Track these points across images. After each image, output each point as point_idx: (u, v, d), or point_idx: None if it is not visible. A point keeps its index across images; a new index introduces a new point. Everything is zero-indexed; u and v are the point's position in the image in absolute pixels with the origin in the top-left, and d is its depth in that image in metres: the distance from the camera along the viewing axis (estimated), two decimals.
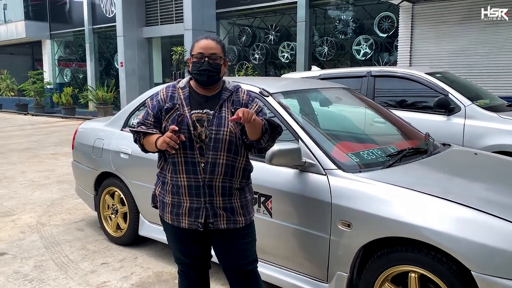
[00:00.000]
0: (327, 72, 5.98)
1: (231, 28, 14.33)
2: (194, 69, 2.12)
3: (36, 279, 3.29)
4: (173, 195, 2.14)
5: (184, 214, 2.12)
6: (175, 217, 2.15)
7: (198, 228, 2.12)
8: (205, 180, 2.08)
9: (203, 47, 2.10)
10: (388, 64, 10.72)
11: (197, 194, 2.09)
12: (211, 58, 2.09)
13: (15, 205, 5.16)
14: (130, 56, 15.78)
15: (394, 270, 2.26)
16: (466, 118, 4.73)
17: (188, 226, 2.13)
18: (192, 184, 2.09)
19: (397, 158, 2.73)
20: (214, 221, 2.11)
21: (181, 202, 2.12)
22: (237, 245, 2.19)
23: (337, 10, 12.02)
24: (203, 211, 2.10)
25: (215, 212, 2.11)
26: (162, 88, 2.25)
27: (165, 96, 2.17)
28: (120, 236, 3.94)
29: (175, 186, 2.13)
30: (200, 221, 2.10)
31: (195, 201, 2.10)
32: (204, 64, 2.08)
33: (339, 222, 2.42)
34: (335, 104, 3.77)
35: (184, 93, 2.16)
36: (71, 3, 19.25)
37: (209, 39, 2.13)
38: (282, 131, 2.20)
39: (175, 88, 2.20)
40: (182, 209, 2.12)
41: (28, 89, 18.83)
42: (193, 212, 2.11)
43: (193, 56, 2.13)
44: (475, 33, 8.44)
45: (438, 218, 2.12)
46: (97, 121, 4.66)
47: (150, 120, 2.17)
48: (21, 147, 9.56)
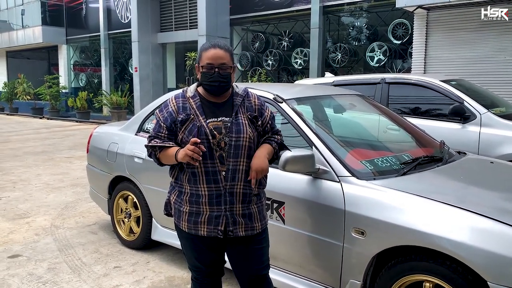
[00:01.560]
0: (340, 78, 5.97)
1: (244, 34, 14.38)
2: (204, 80, 2.09)
3: (49, 282, 3.32)
4: (191, 204, 2.12)
5: (203, 223, 2.11)
6: (193, 225, 2.13)
7: (218, 235, 2.11)
8: (227, 187, 2.08)
9: (212, 58, 2.06)
10: (402, 71, 10.66)
11: (217, 203, 2.09)
12: (221, 69, 2.06)
13: (30, 208, 5.23)
14: (145, 62, 15.92)
15: (408, 279, 2.24)
16: (482, 126, 4.67)
17: (206, 234, 2.12)
18: (213, 193, 2.08)
19: (412, 166, 2.70)
20: (233, 228, 2.11)
21: (200, 211, 2.11)
22: (254, 250, 2.19)
23: (351, 16, 11.99)
24: (223, 219, 2.09)
25: (235, 219, 2.11)
26: (171, 99, 2.19)
27: (177, 107, 2.13)
28: (133, 240, 3.96)
29: (194, 196, 2.11)
30: (220, 228, 2.10)
31: (216, 210, 2.09)
32: (214, 76, 2.06)
33: (353, 229, 2.40)
34: (348, 110, 3.76)
35: (195, 103, 2.13)
36: (87, 9, 19.54)
37: (217, 48, 2.07)
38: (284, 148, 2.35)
39: (185, 98, 2.16)
40: (201, 217, 2.11)
41: (44, 93, 19.10)
42: (213, 220, 2.10)
43: (202, 66, 2.09)
44: (491, 40, 8.35)
45: (454, 227, 2.09)
46: (111, 125, 4.70)
47: (163, 133, 2.13)
48: (36, 150, 9.70)
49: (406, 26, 10.43)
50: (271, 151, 2.21)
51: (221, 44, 2.10)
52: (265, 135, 2.25)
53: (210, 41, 2.13)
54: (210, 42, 2.12)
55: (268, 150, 2.19)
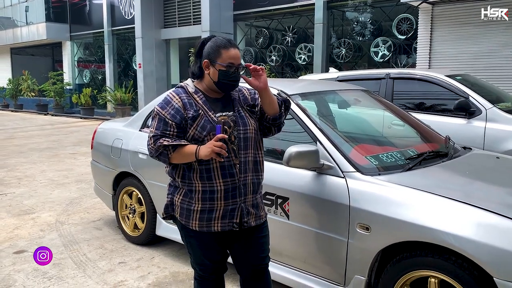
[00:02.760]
0: (345, 74, 5.94)
1: (248, 30, 14.35)
2: (223, 78, 2.06)
3: (55, 277, 3.34)
4: (204, 202, 2.10)
5: (217, 218, 2.10)
6: (206, 223, 2.11)
7: (233, 228, 2.12)
8: (241, 180, 2.10)
9: (234, 57, 2.06)
10: (407, 66, 10.60)
11: (233, 196, 2.09)
12: (238, 68, 2.09)
13: (35, 204, 5.25)
14: (148, 58, 15.93)
15: (413, 275, 2.23)
16: (487, 121, 4.64)
17: (221, 229, 2.12)
18: (229, 187, 2.08)
19: (417, 161, 2.68)
20: (247, 219, 2.14)
21: (214, 207, 2.10)
22: (258, 238, 2.23)
23: (355, 12, 11.93)
24: (238, 211, 2.11)
25: (248, 210, 2.14)
26: (172, 95, 2.12)
27: (183, 104, 2.08)
28: (138, 236, 3.97)
29: (207, 192, 2.09)
30: (236, 221, 2.11)
31: (231, 203, 2.10)
32: (234, 75, 2.07)
33: (358, 225, 2.39)
34: (353, 106, 3.74)
35: (200, 98, 2.11)
36: (91, 5, 19.55)
37: (235, 47, 2.09)
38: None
39: (187, 94, 2.13)
40: (215, 213, 2.10)
41: (48, 89, 19.15)
42: (227, 214, 2.10)
43: (222, 64, 2.05)
44: (497, 34, 8.28)
45: (459, 223, 2.08)
46: (116, 122, 4.71)
47: (172, 131, 2.04)
48: (41, 146, 9.73)
49: (410, 21, 10.37)
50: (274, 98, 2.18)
51: (236, 44, 2.14)
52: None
53: (223, 38, 2.12)
54: (224, 38, 2.11)
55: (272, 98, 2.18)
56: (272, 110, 2.16)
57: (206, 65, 2.10)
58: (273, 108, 2.16)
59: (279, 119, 2.20)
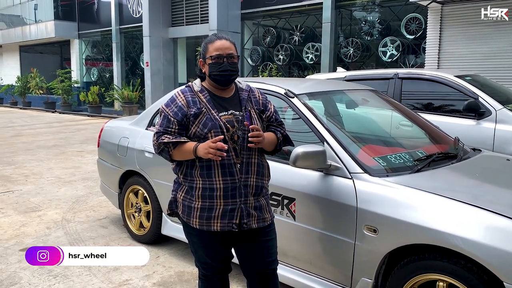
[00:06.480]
0: (353, 73, 5.90)
1: (255, 29, 14.32)
2: (213, 70, 2.09)
3: (60, 275, 3.34)
4: (204, 199, 2.10)
5: (217, 217, 2.09)
6: (205, 221, 2.10)
7: (232, 229, 2.10)
8: (241, 180, 2.08)
9: (220, 48, 2.08)
10: (415, 66, 10.52)
11: (232, 196, 2.08)
12: (229, 58, 2.08)
13: (41, 201, 5.26)
14: (156, 56, 15.95)
15: (421, 278, 2.20)
16: (497, 123, 4.58)
17: (220, 229, 2.10)
18: (228, 186, 2.07)
19: (426, 162, 2.65)
20: (247, 221, 2.11)
21: (214, 205, 2.09)
22: (263, 242, 2.19)
23: (363, 11, 11.86)
24: (238, 212, 2.09)
25: (248, 212, 2.11)
26: (178, 94, 2.16)
27: (186, 101, 2.10)
28: (143, 235, 3.96)
29: (207, 190, 2.08)
30: (235, 221, 2.09)
31: (230, 203, 2.08)
32: (223, 65, 2.07)
33: (365, 227, 2.36)
34: (361, 106, 3.70)
35: (205, 97, 2.12)
36: (99, 4, 19.61)
37: (223, 39, 2.11)
38: (291, 142, 2.35)
39: (193, 92, 2.14)
40: (215, 212, 2.09)
41: (56, 87, 19.25)
42: (227, 214, 2.09)
43: (210, 57, 2.09)
44: (507, 34, 8.18)
45: (469, 226, 2.05)
46: (122, 120, 4.70)
47: (174, 128, 2.08)
48: (48, 144, 9.78)
49: (419, 20, 10.29)
50: (273, 138, 2.22)
51: (226, 36, 2.15)
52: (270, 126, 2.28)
53: (212, 35, 2.16)
54: (212, 35, 2.15)
55: (271, 136, 2.21)
56: (270, 148, 2.22)
57: (201, 64, 2.17)
58: (272, 146, 2.23)
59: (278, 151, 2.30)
